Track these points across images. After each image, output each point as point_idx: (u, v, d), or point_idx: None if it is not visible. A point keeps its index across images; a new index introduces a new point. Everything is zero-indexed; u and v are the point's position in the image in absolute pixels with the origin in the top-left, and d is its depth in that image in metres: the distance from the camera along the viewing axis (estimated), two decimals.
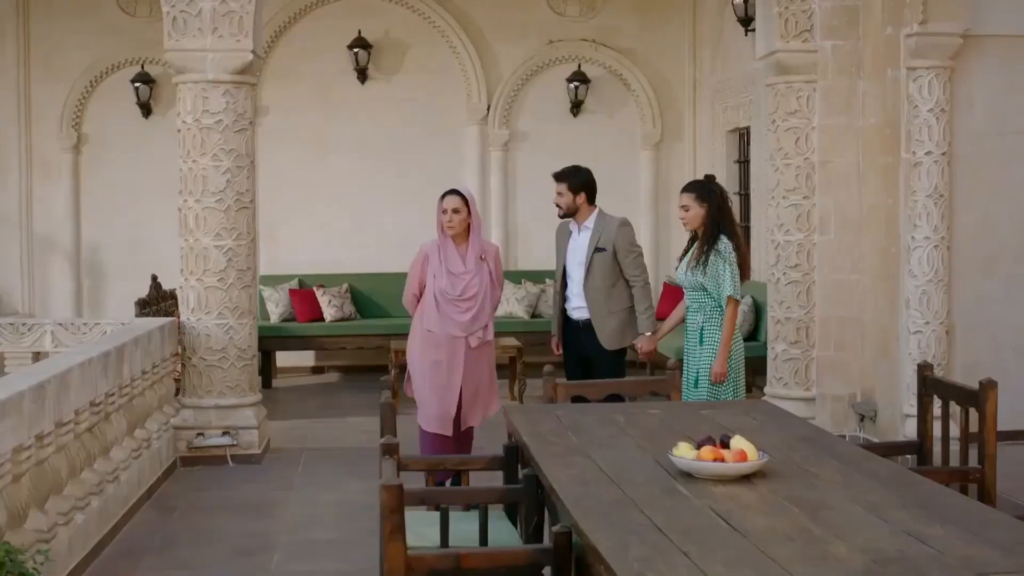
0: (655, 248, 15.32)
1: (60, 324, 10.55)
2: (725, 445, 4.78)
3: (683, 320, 8.21)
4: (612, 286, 8.59)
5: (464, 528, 5.39)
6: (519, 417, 6.06)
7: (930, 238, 9.55)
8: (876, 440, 9.39)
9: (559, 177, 8.73)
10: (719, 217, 7.91)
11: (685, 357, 8.01)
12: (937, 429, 6.24)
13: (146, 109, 15.00)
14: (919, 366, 6.37)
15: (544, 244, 15.03)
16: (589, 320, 8.59)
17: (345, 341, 14.17)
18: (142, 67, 14.90)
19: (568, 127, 15.23)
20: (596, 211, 8.73)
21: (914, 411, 9.28)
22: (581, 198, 8.66)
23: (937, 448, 6.26)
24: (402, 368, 8.99)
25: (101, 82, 15.11)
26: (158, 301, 12.42)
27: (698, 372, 7.91)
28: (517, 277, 14.61)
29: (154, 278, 12.78)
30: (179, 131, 9.82)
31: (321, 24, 14.96)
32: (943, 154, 9.54)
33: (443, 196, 8.00)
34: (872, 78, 10.05)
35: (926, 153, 9.51)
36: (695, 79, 15.32)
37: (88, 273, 15.24)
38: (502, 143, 15.20)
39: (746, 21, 12.63)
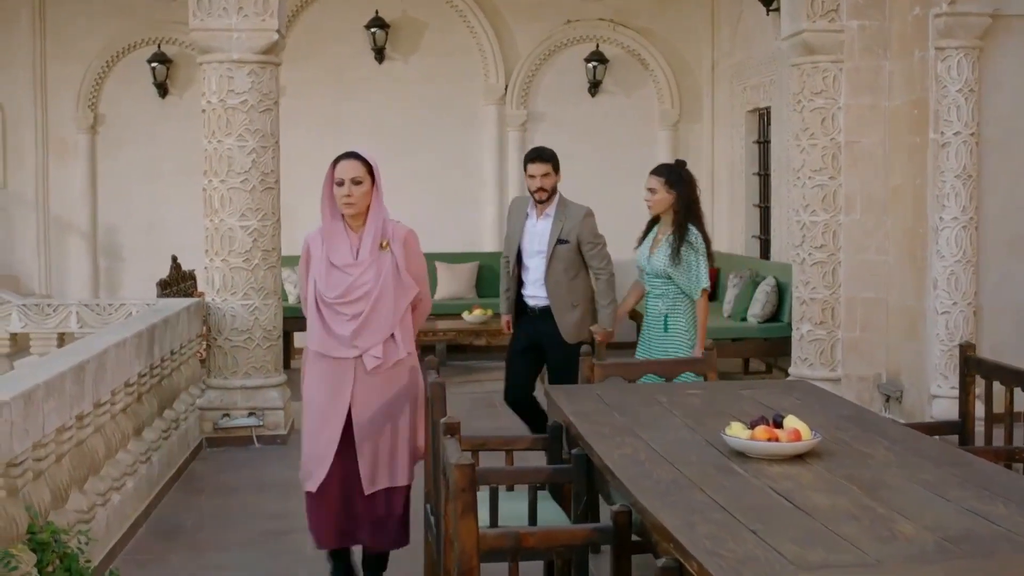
0: None
1: (85, 305, 10.52)
2: (778, 425, 4.77)
3: (637, 304, 8.22)
4: (573, 278, 8.22)
5: (508, 507, 5.38)
6: (561, 397, 6.04)
7: (958, 218, 9.51)
8: (903, 421, 9.38)
9: (543, 157, 8.19)
10: (689, 206, 7.75)
11: (644, 343, 7.88)
12: (978, 409, 6.23)
13: (162, 89, 15.00)
14: (961, 346, 6.35)
15: None
16: (547, 308, 8.21)
17: None
18: (158, 47, 14.89)
19: (586, 107, 15.23)
20: (558, 197, 8.26)
21: (941, 391, 9.39)
22: (559, 179, 8.25)
23: (979, 428, 6.23)
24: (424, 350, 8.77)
25: (117, 62, 15.10)
26: (178, 282, 12.40)
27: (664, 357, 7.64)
28: None
29: (174, 259, 12.76)
30: (203, 111, 9.77)
31: (338, 4, 14.93)
32: (971, 134, 9.49)
33: (336, 161, 5.88)
34: (899, 58, 10.01)
35: (954, 133, 9.47)
36: (713, 59, 15.29)
37: (105, 254, 15.24)
38: (520, 123, 15.17)
39: (767, 0, 12.58)
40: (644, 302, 7.95)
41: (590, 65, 15.04)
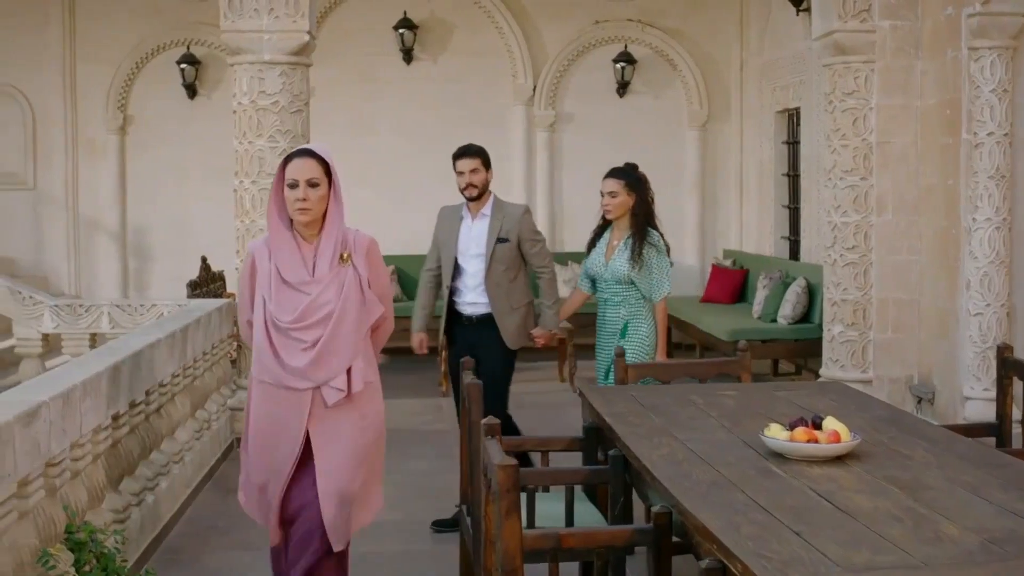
0: (702, 228, 15.32)
1: (117, 306, 10.55)
2: (817, 426, 4.75)
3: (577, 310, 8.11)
4: (513, 280, 7.71)
5: (544, 508, 5.37)
6: (596, 398, 6.03)
7: (991, 219, 9.45)
8: (935, 423, 9.33)
9: (470, 152, 7.72)
10: (647, 209, 7.59)
11: (604, 351, 7.60)
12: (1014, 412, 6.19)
13: (191, 90, 15.04)
14: (999, 347, 6.31)
15: (589, 224, 15.00)
16: (485, 315, 7.68)
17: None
18: (187, 48, 14.93)
19: (614, 108, 15.21)
20: (492, 197, 7.78)
21: (974, 393, 9.34)
22: (491, 176, 7.76)
23: (1016, 430, 6.19)
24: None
25: (146, 63, 15.15)
26: (207, 282, 12.43)
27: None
28: (563, 259, 14.59)
29: (203, 259, 12.79)
30: (234, 112, 9.79)
31: (366, 5, 14.95)
32: (1005, 135, 9.42)
33: (288, 160, 5.08)
34: (931, 58, 9.97)
35: (988, 134, 9.41)
36: (742, 59, 15.25)
37: (134, 254, 15.29)
38: (548, 124, 15.17)
39: (797, 1, 12.55)
40: (601, 311, 7.67)
41: (618, 65, 15.02)
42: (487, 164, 7.70)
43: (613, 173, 7.64)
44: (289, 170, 5.02)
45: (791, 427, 4.73)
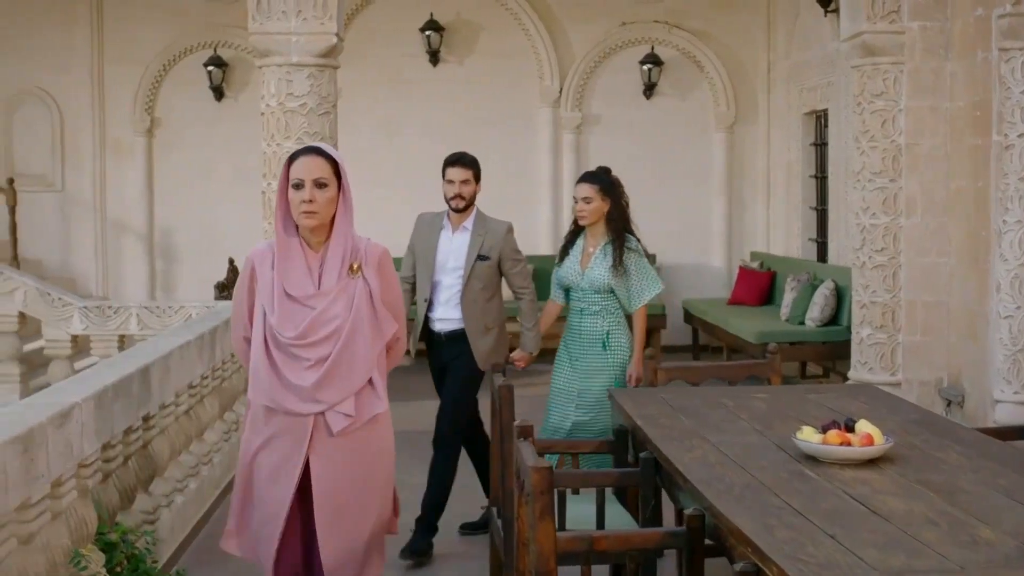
0: (728, 230, 15.28)
1: (146, 307, 10.58)
2: (850, 429, 4.74)
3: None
4: (490, 299, 7.38)
5: (574, 510, 5.36)
6: (626, 400, 6.02)
7: (1022, 221, 9.38)
8: (966, 426, 9.28)
9: (464, 162, 7.41)
10: (623, 213, 7.33)
11: (577, 362, 7.32)
12: None
13: (218, 92, 15.08)
14: None
15: None
16: (456, 332, 7.31)
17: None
18: (215, 50, 14.97)
19: (641, 109, 15.19)
20: (475, 210, 7.44)
21: (1005, 396, 9.28)
22: (479, 189, 7.45)
23: None
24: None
25: (174, 66, 15.19)
26: (235, 284, 12.45)
27: (615, 384, 7.17)
28: None
29: (231, 261, 12.83)
30: (262, 114, 9.79)
31: (393, 7, 14.96)
32: None
33: (293, 158, 4.64)
34: (961, 59, 9.92)
35: (1019, 135, 9.33)
36: (769, 60, 15.22)
37: (161, 256, 15.34)
38: (575, 126, 15.15)
39: (825, 1, 12.52)
40: (576, 321, 7.36)
41: (645, 67, 15.00)
42: (478, 177, 7.40)
43: (586, 178, 7.42)
44: (294, 169, 4.56)
45: (824, 430, 4.72)
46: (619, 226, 7.26)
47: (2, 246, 14.17)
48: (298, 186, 4.51)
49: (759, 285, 14.05)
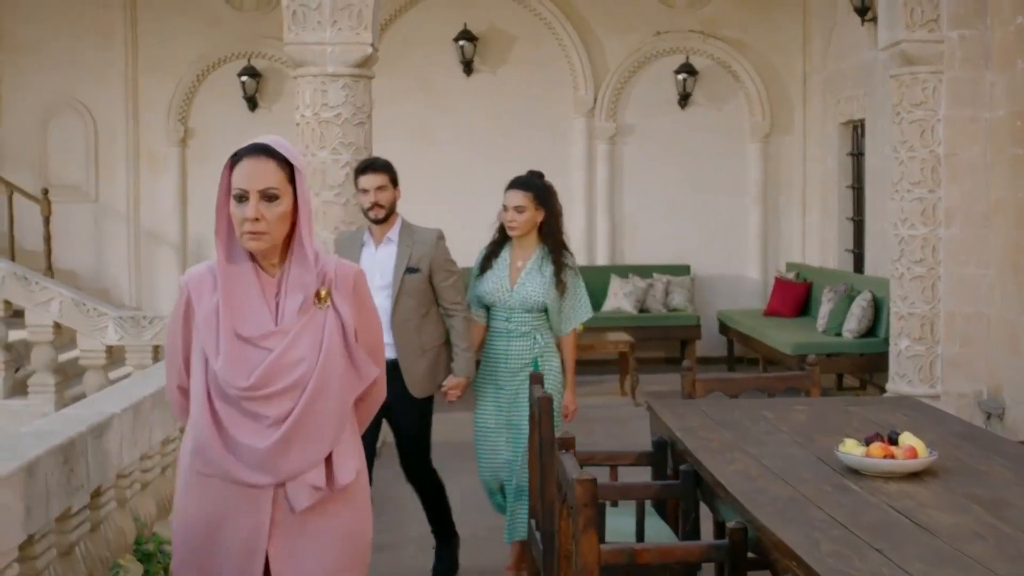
0: (764, 241, 15.20)
1: None
2: (893, 442, 4.68)
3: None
4: (424, 316, 6.62)
5: (613, 522, 5.32)
6: (665, 412, 5.97)
7: None
8: (1010, 439, 9.19)
9: (376, 167, 6.71)
10: (558, 224, 6.66)
11: (503, 391, 6.62)
12: None
13: (252, 103, 15.10)
14: None
15: (651, 238, 15.04)
16: (392, 360, 6.37)
17: None
18: (248, 61, 15.00)
19: (676, 119, 15.13)
20: (399, 220, 6.72)
21: None
22: (398, 194, 6.75)
23: None
24: None
25: (207, 76, 15.22)
26: None
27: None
28: (624, 271, 14.59)
29: None
30: (297, 124, 9.81)
31: (426, 17, 14.97)
32: None
33: (236, 159, 3.60)
34: (1000, 69, 9.84)
35: None
36: (805, 70, 15.16)
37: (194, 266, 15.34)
38: (609, 136, 15.11)
39: (863, 10, 12.44)
40: (501, 345, 6.63)
41: (680, 77, 14.95)
42: (395, 181, 6.69)
43: (518, 184, 6.61)
44: (236, 176, 3.54)
45: (867, 442, 4.67)
46: (555, 238, 6.60)
47: (36, 256, 14.22)
48: (240, 198, 3.52)
49: (795, 296, 13.99)
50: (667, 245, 15.08)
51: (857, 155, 13.94)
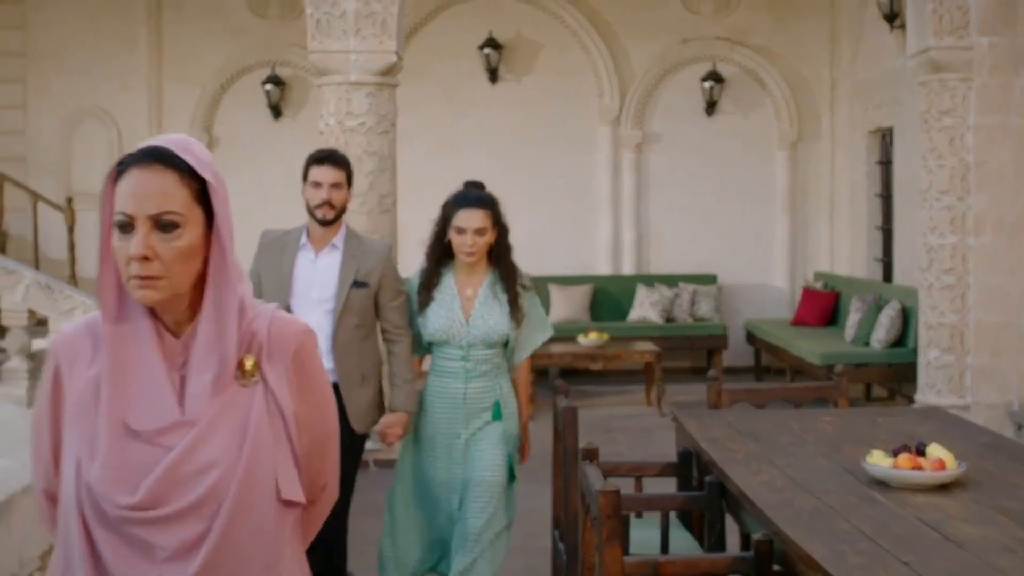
0: (792, 250, 15.10)
1: None
2: (921, 453, 4.60)
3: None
4: (364, 339, 5.76)
5: (637, 534, 5.26)
6: (691, 423, 5.89)
7: None
8: None
9: (335, 160, 5.84)
10: (507, 242, 5.74)
11: (454, 444, 5.57)
12: None
13: (276, 111, 15.10)
14: None
15: (677, 246, 14.96)
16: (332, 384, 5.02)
17: None
18: (272, 69, 15.00)
19: (702, 127, 15.05)
20: (345, 226, 5.88)
21: None
22: (350, 197, 5.95)
23: None
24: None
25: (232, 84, 15.23)
26: None
27: (511, 462, 5.61)
28: (650, 280, 14.51)
29: None
30: (321, 133, 9.79)
31: (452, 25, 14.94)
32: None
33: (120, 170, 2.45)
34: None
35: None
36: (833, 77, 15.06)
37: None
38: (634, 144, 15.04)
39: (891, 17, 12.35)
40: (457, 387, 5.56)
41: (706, 84, 14.87)
42: (351, 181, 5.88)
43: (477, 202, 5.66)
44: (120, 196, 2.45)
45: (894, 454, 4.58)
46: (507, 259, 5.66)
47: (60, 265, 14.25)
48: (124, 226, 2.43)
49: (823, 306, 13.89)
50: (693, 254, 15.00)
51: (886, 163, 13.84)
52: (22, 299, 9.81)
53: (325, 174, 5.71)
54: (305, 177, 5.77)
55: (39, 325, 11.02)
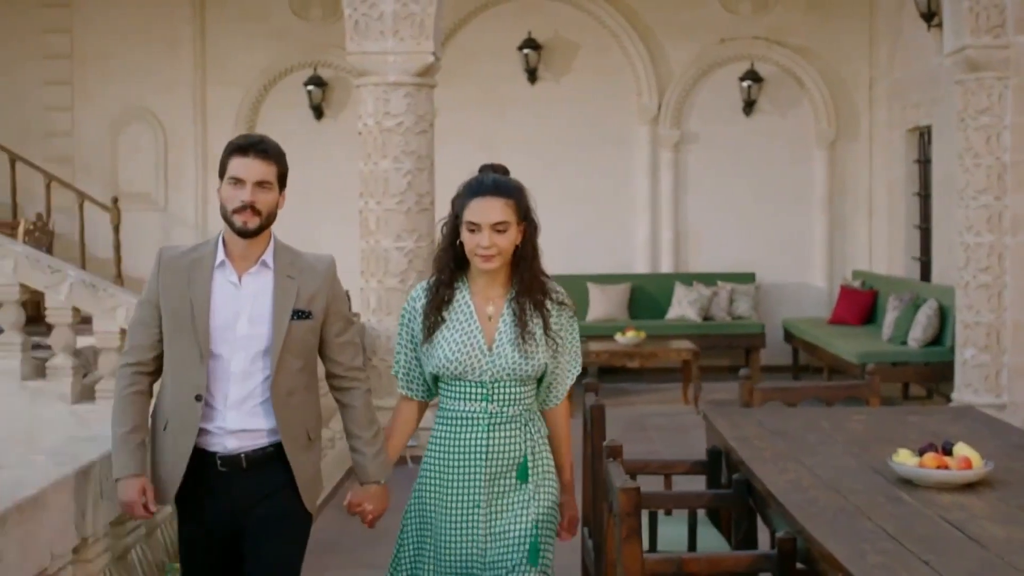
0: (830, 248, 15.08)
1: None
2: (948, 452, 4.63)
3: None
4: (306, 387, 4.29)
5: (666, 531, 5.31)
6: (721, 421, 5.94)
7: None
8: None
9: (261, 151, 4.12)
10: (536, 245, 4.27)
11: (475, 512, 4.12)
12: None
13: (318, 112, 15.21)
14: None
15: (715, 245, 14.97)
16: (264, 451, 4.17)
17: None
18: (314, 70, 15.11)
19: (740, 127, 15.06)
20: (272, 239, 4.28)
21: None
22: (282, 202, 4.26)
23: None
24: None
25: (274, 86, 15.35)
26: None
27: (535, 536, 4.07)
28: (688, 279, 14.54)
29: None
30: (360, 133, 9.88)
31: (490, 25, 15.01)
32: None
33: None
34: None
35: None
36: (871, 77, 15.03)
37: None
38: (673, 143, 15.06)
39: (929, 16, 12.32)
40: (479, 438, 4.16)
41: (744, 84, 14.88)
42: (284, 180, 4.25)
43: (496, 190, 4.20)
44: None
45: (920, 453, 4.62)
46: (533, 265, 4.23)
47: (106, 264, 14.40)
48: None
49: (861, 304, 13.87)
50: (732, 253, 15.00)
51: (924, 162, 13.80)
52: (66, 297, 9.93)
53: (248, 168, 4.11)
54: (222, 172, 4.17)
55: (83, 323, 11.15)
